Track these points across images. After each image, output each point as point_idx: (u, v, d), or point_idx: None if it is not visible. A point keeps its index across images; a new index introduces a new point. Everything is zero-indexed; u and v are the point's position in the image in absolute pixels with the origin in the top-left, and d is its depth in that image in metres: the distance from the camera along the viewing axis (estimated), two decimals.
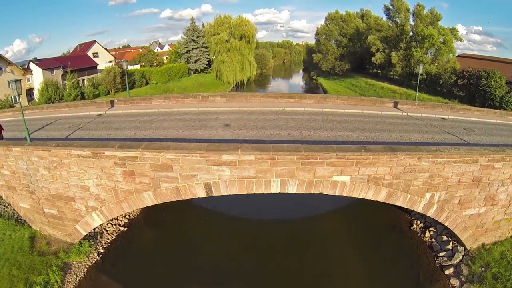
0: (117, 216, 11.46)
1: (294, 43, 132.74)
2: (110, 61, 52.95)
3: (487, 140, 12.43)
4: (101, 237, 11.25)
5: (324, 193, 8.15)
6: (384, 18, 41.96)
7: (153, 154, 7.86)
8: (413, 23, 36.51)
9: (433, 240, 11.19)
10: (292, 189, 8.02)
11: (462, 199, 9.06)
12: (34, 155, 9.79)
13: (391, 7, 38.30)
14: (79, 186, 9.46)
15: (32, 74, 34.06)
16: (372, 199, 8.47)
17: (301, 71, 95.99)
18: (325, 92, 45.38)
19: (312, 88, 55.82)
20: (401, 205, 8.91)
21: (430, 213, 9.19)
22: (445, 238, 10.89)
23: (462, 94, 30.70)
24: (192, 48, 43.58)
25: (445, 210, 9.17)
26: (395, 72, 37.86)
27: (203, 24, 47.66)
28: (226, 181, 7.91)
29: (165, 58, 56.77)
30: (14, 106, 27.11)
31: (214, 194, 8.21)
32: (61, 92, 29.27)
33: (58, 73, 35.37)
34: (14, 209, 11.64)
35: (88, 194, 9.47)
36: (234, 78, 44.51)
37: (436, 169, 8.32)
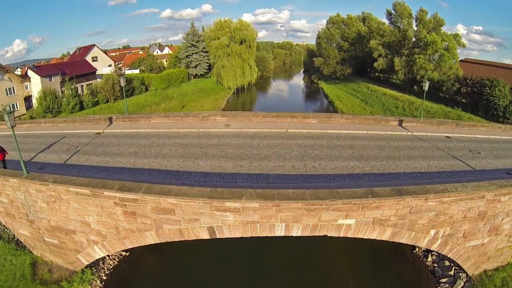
0: None
1: (295, 44, 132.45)
2: (109, 65, 52.38)
3: (493, 165, 12.22)
4: (103, 263, 11.09)
5: (329, 235, 7.98)
6: (387, 22, 41.43)
7: (154, 198, 7.62)
8: (415, 29, 36.06)
9: (435, 265, 11.10)
10: (296, 232, 7.84)
11: (466, 233, 8.99)
12: (32, 187, 9.57)
13: (393, 11, 37.71)
14: (79, 221, 9.26)
15: (30, 81, 33.64)
16: (376, 238, 8.33)
17: (301, 71, 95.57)
18: (326, 97, 44.99)
19: (313, 91, 55.41)
20: (404, 243, 8.78)
21: (434, 247, 9.16)
22: (447, 263, 10.81)
23: (465, 101, 30.30)
24: (192, 53, 42.96)
25: (449, 243, 9.13)
26: (398, 78, 37.47)
27: (203, 28, 47.06)
28: (230, 225, 7.70)
29: (164, 61, 56.20)
30: None
31: (217, 237, 8.01)
32: (59, 101, 28.88)
33: (56, 80, 34.94)
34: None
35: (89, 229, 9.27)
36: (235, 83, 44.02)
37: (442, 208, 8.21)
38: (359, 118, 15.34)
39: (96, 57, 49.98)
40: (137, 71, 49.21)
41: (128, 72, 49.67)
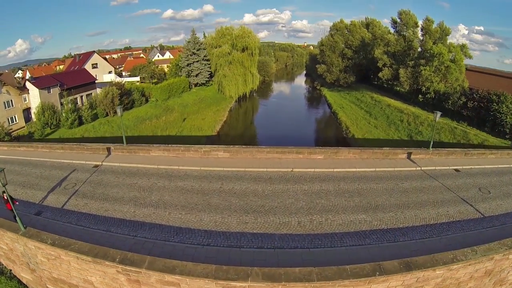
0: None
1: (296, 45, 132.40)
2: (109, 72, 51.82)
3: (503, 208, 11.96)
4: None
5: None
6: (391, 29, 40.64)
7: (157, 273, 7.36)
8: (421, 38, 35.30)
9: None
10: None
11: None
12: (30, 243, 9.34)
13: (398, 20, 36.91)
14: (82, 279, 9.04)
15: (28, 93, 33.21)
16: None
17: (303, 74, 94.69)
18: (329, 106, 44.32)
19: (315, 98, 54.76)
20: None
21: None
22: None
23: (470, 115, 29.61)
24: (193, 62, 42.20)
25: None
26: (403, 89, 36.76)
27: (204, 35, 46.18)
28: None
29: (165, 66, 55.47)
30: (10, 135, 26.40)
31: None
32: (58, 117, 28.45)
33: (55, 91, 34.49)
34: None
35: (92, 287, 9.05)
36: (236, 92, 43.40)
37: (450, 274, 8.06)
38: (367, 152, 14.91)
39: (96, 63, 49.38)
40: (137, 78, 48.65)
41: (128, 79, 49.13)
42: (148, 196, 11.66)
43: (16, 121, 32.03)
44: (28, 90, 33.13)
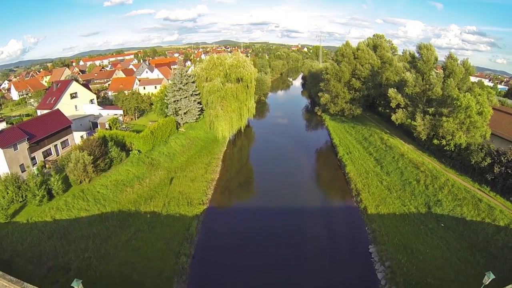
0: None
1: (290, 47, 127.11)
2: (91, 100, 46.73)
3: None
4: None
5: None
6: (402, 57, 35.72)
7: None
8: (442, 78, 30.78)
9: None
10: None
11: None
12: None
13: (417, 55, 32.10)
14: None
15: None
16: None
17: (299, 79, 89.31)
18: (333, 145, 40.02)
19: (317, 125, 50.18)
20: None
21: None
22: None
23: (496, 179, 25.96)
24: (181, 98, 37.30)
25: None
26: (419, 137, 32.41)
27: (193, 61, 40.64)
28: None
29: (154, 88, 50.21)
30: None
31: None
32: (23, 193, 24.49)
33: (23, 147, 30.08)
34: None
35: None
36: (230, 130, 38.91)
37: None
38: None
39: (76, 93, 44.17)
40: (120, 111, 43.75)
41: (111, 112, 44.29)
42: None
43: None
44: None
